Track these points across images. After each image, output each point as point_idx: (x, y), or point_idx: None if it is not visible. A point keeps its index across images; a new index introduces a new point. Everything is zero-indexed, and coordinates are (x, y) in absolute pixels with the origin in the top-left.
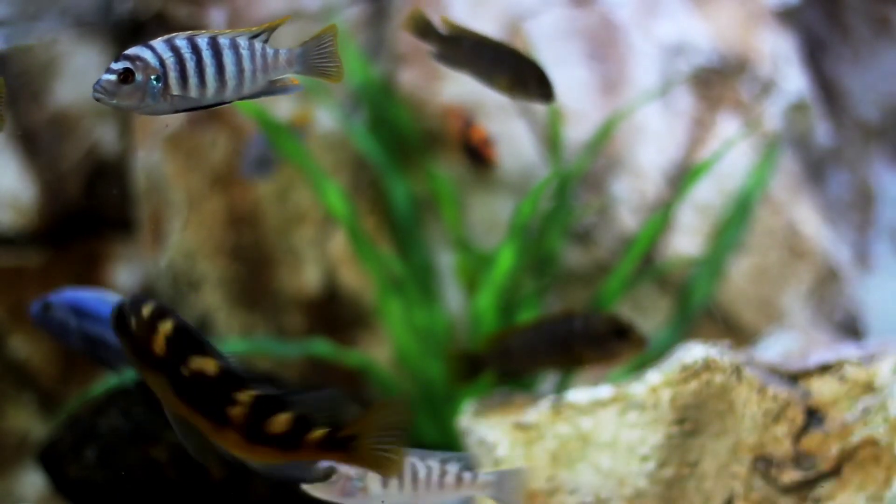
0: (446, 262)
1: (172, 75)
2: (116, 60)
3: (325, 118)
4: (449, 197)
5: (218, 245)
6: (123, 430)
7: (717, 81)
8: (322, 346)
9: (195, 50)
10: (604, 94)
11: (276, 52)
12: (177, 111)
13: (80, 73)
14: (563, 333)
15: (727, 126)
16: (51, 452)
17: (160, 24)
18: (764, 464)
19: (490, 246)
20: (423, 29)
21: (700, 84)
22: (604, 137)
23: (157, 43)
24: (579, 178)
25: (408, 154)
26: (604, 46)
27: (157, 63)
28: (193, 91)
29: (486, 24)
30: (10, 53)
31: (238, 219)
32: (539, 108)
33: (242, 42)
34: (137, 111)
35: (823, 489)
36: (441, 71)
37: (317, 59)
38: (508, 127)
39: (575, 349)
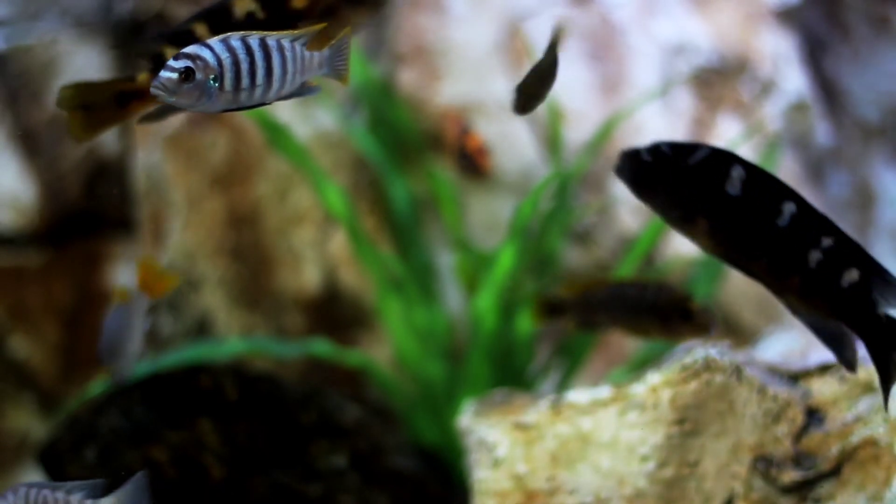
0: (446, 262)
1: (228, 76)
2: (176, 58)
3: (325, 118)
4: (449, 197)
5: (218, 245)
6: (123, 430)
7: (717, 81)
8: (322, 346)
9: (249, 51)
10: (604, 94)
11: (312, 55)
12: (225, 111)
13: (80, 73)
14: (635, 299)
15: (727, 126)
16: (51, 452)
17: (160, 24)
18: (764, 464)
19: (490, 246)
20: None
21: (700, 84)
22: (604, 137)
23: (215, 42)
24: (579, 178)
25: (407, 154)
26: (604, 46)
27: (216, 63)
28: (244, 91)
29: (485, 24)
30: (10, 53)
31: (238, 219)
32: (539, 108)
33: (287, 44)
34: (190, 109)
35: (823, 489)
36: (441, 71)
37: (337, 61)
38: (508, 127)
39: (642, 318)
